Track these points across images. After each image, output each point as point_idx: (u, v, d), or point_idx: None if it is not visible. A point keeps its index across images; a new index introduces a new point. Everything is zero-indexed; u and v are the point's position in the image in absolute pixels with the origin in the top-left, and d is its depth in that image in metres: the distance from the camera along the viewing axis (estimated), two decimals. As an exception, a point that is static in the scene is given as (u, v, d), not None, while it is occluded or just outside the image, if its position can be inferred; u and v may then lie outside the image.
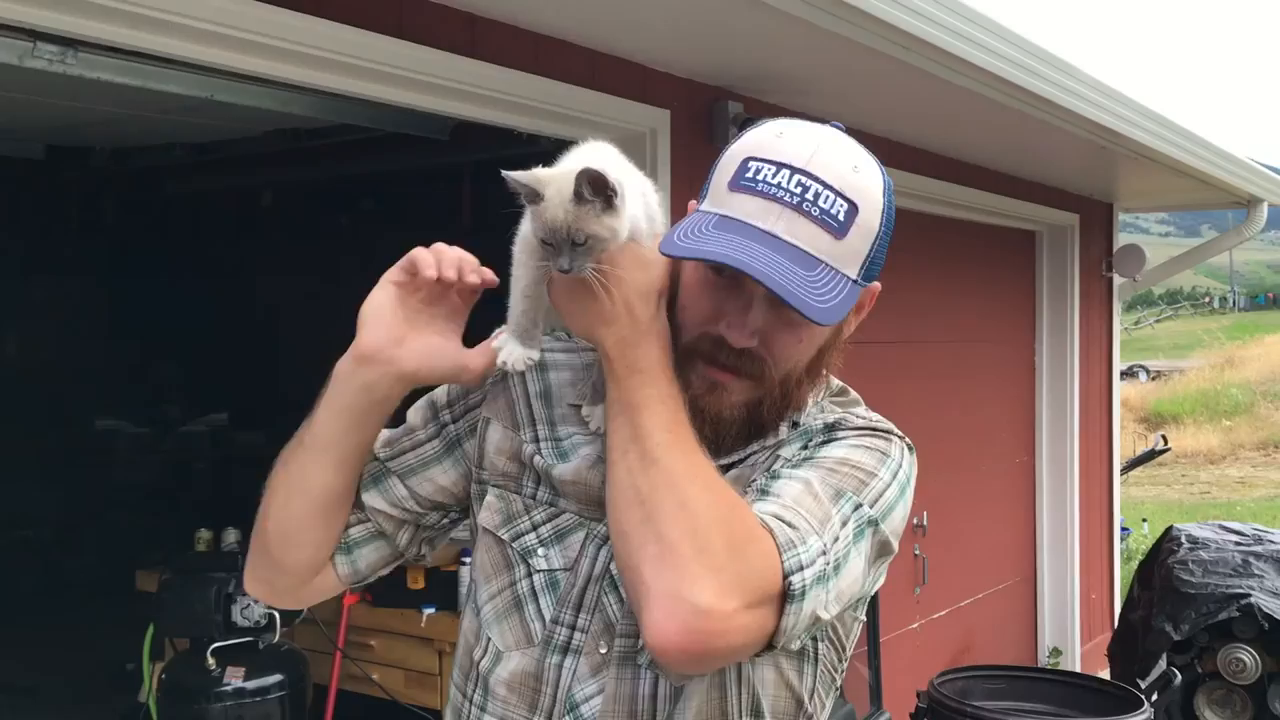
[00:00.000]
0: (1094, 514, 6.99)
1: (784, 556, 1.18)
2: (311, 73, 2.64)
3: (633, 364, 1.27)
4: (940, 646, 5.53)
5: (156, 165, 5.42)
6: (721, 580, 1.13)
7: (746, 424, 1.35)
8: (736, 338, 1.30)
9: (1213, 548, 5.23)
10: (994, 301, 6.27)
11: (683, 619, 1.13)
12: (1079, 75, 4.11)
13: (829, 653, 1.39)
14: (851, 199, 1.29)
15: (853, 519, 1.26)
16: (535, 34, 3.14)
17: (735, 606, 1.14)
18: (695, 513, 1.17)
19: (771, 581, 1.17)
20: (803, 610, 1.19)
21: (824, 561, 1.21)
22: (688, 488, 1.19)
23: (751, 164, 1.29)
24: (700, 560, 1.14)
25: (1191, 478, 18.25)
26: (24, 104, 4.09)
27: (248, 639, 3.53)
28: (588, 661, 1.34)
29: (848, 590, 1.26)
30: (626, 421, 1.25)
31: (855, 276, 1.31)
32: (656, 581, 1.15)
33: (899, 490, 1.35)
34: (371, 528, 1.47)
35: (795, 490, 1.26)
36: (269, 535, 1.44)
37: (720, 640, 1.15)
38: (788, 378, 1.35)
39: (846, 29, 3.07)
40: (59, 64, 2.47)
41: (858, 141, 1.39)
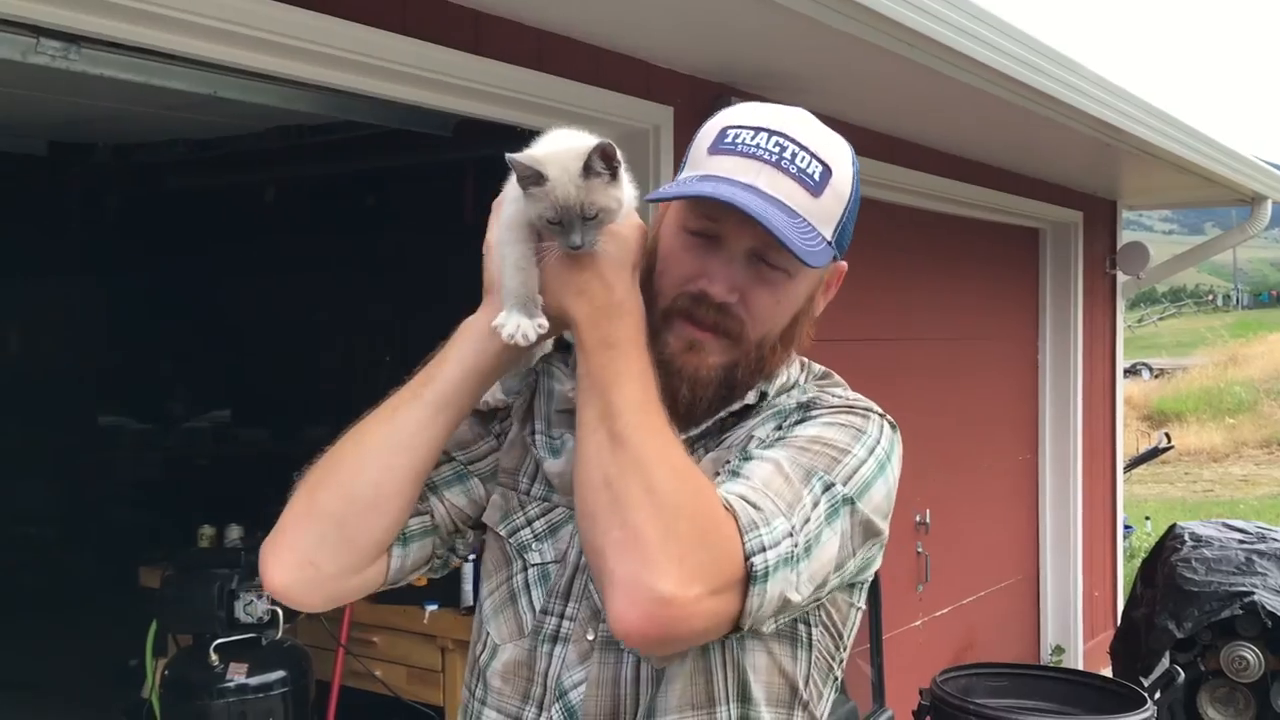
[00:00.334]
0: (1097, 512, 6.99)
1: (746, 539, 1.18)
2: (315, 69, 2.64)
3: (605, 337, 1.26)
4: (943, 644, 5.53)
5: (159, 161, 5.42)
6: (684, 568, 1.14)
7: (722, 386, 1.37)
8: (718, 291, 1.33)
9: (1216, 546, 5.22)
10: (997, 299, 6.26)
11: (645, 606, 1.14)
12: (1082, 72, 4.10)
13: (824, 639, 1.38)
14: (826, 162, 1.36)
15: (824, 499, 1.26)
16: (539, 30, 3.13)
17: (698, 593, 1.15)
18: (661, 498, 1.17)
19: (734, 565, 1.17)
20: (768, 592, 1.19)
21: (790, 544, 1.20)
22: (655, 471, 1.18)
23: (730, 130, 1.35)
24: (664, 548, 1.14)
25: (1195, 476, 18.24)
26: (27, 100, 4.09)
27: (250, 635, 3.53)
28: (576, 649, 1.35)
29: (821, 571, 1.25)
30: (596, 397, 1.24)
31: (829, 238, 1.36)
32: (620, 567, 1.16)
33: (877, 466, 1.33)
34: (427, 522, 1.42)
35: (765, 471, 1.26)
36: (356, 500, 1.32)
37: (683, 625, 1.16)
38: (763, 341, 1.37)
39: (850, 25, 3.06)
40: (62, 60, 2.47)
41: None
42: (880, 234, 5.09)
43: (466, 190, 5.00)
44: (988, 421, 6.14)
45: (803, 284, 1.39)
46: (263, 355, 6.29)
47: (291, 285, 6.05)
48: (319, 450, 1.39)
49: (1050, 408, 6.63)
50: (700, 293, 1.33)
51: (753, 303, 1.35)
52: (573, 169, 1.24)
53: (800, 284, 1.39)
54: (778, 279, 1.35)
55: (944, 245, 5.60)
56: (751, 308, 1.35)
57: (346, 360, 5.84)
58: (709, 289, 1.33)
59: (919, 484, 5.34)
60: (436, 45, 2.81)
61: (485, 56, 2.94)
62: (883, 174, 4.73)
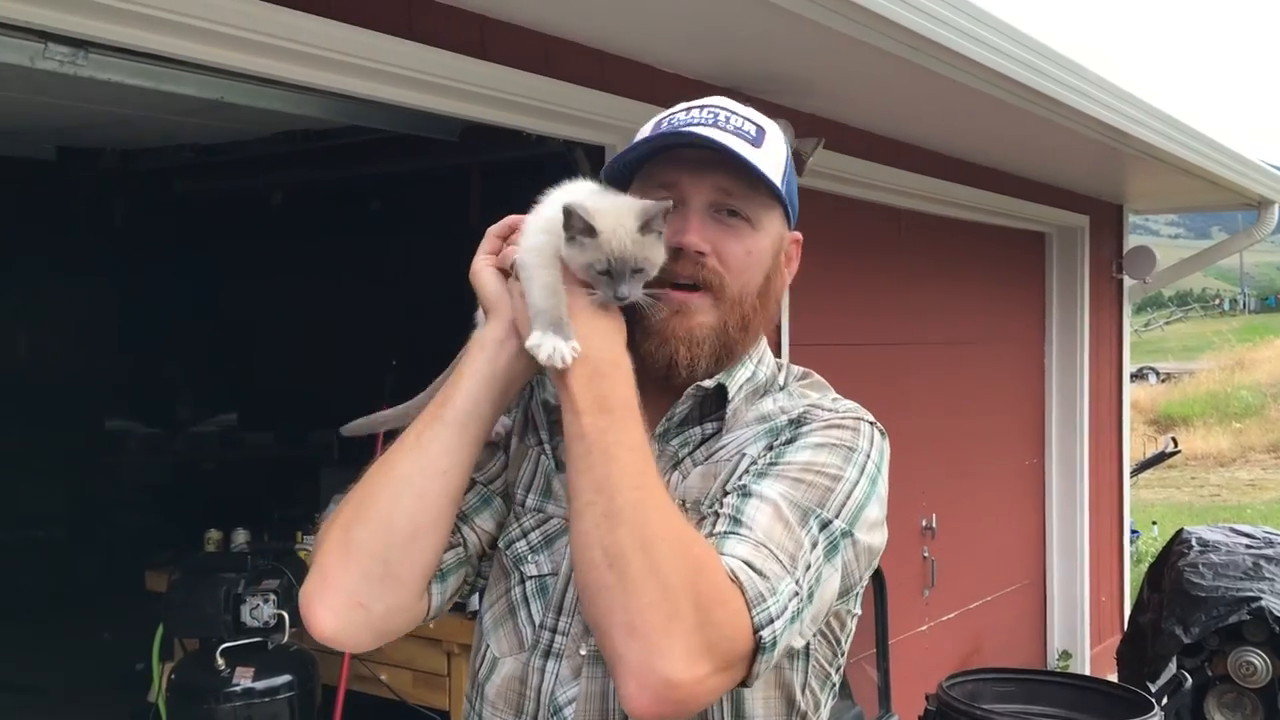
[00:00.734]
0: (1104, 516, 6.97)
1: (754, 612, 1.18)
2: (321, 74, 2.65)
3: (600, 400, 1.24)
4: (949, 649, 5.52)
5: (167, 166, 5.44)
6: (690, 647, 1.14)
7: (716, 345, 1.38)
8: (692, 240, 1.36)
9: (1223, 551, 5.21)
10: (1003, 303, 6.26)
11: (655, 690, 1.14)
12: (1087, 75, 4.10)
13: (821, 647, 1.39)
14: (758, 124, 1.42)
15: (822, 537, 1.27)
16: (545, 35, 3.14)
17: (706, 672, 1.15)
18: (664, 579, 1.15)
19: (742, 641, 1.18)
20: (775, 655, 1.21)
21: (797, 602, 1.22)
22: (656, 548, 1.16)
23: (663, 120, 1.43)
24: (669, 629, 1.14)
25: (1201, 480, 18.18)
26: (35, 105, 4.11)
27: (257, 639, 3.53)
28: (569, 664, 1.35)
29: (823, 609, 1.29)
30: (591, 466, 1.21)
31: (779, 184, 1.40)
32: (628, 652, 1.15)
33: (869, 484, 1.34)
34: (461, 553, 1.41)
35: (764, 519, 1.25)
36: (395, 533, 1.28)
37: (692, 704, 1.17)
38: (743, 295, 1.39)
39: (854, 29, 3.07)
40: (70, 65, 2.48)
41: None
42: (886, 238, 5.09)
43: (472, 194, 5.01)
44: (994, 426, 6.13)
45: (765, 237, 1.42)
46: (269, 360, 6.30)
47: (298, 289, 6.06)
48: (343, 487, 1.35)
49: (1057, 412, 6.62)
50: (675, 248, 1.35)
51: (725, 254, 1.38)
52: (629, 224, 1.27)
53: (764, 236, 1.42)
54: (742, 228, 1.39)
55: (950, 249, 5.60)
56: (725, 259, 1.38)
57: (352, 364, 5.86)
58: (683, 240, 1.36)
59: (925, 489, 5.33)
60: (442, 50, 2.82)
61: (491, 61, 2.95)
62: (888, 178, 4.73)
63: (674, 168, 1.39)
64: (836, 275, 4.61)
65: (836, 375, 1.49)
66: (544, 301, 1.27)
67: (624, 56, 3.41)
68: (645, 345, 1.37)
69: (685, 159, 1.39)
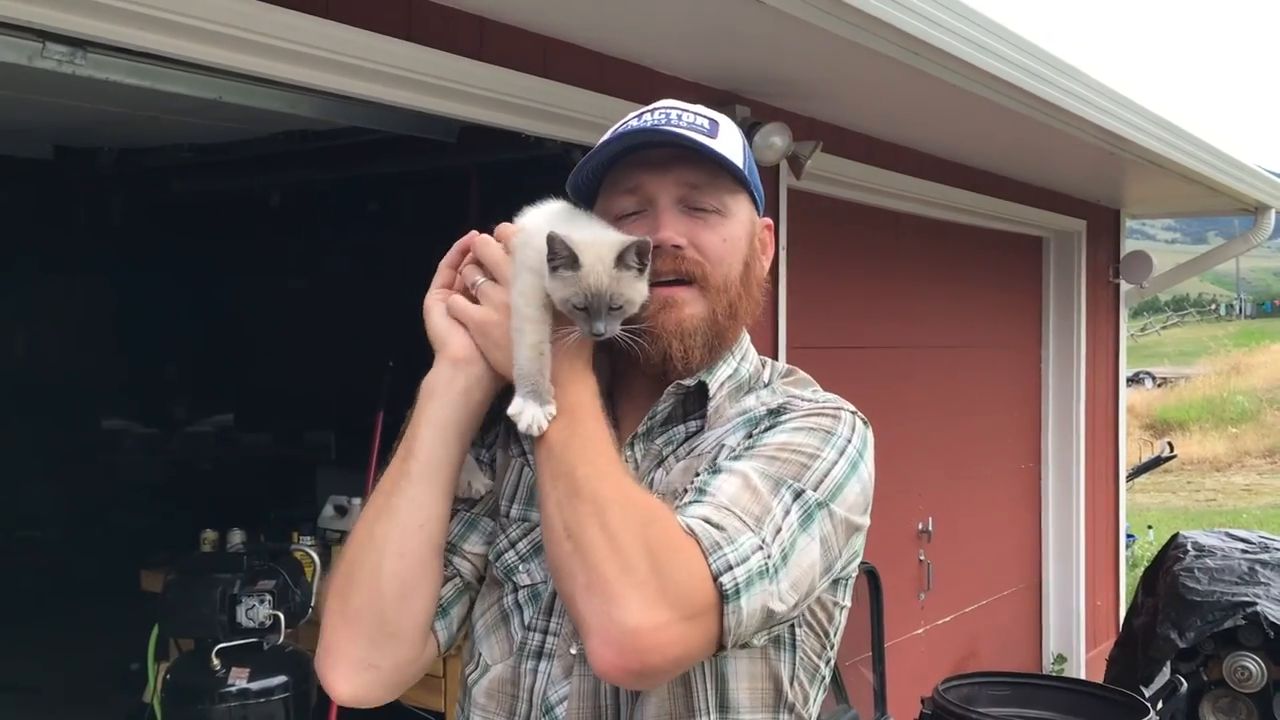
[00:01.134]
0: (1100, 520, 6.98)
1: (710, 560, 1.18)
2: (320, 74, 2.65)
3: (562, 405, 1.27)
4: (945, 653, 5.52)
5: (164, 166, 5.43)
6: (646, 595, 1.15)
7: (709, 335, 1.40)
8: (667, 236, 1.38)
9: (1219, 555, 5.21)
10: (1000, 307, 6.26)
11: (616, 642, 1.15)
12: (1086, 80, 4.10)
13: (808, 639, 1.38)
14: (710, 117, 1.44)
15: (795, 506, 1.26)
16: (543, 37, 3.14)
17: (666, 619, 1.15)
18: (615, 534, 1.18)
19: (701, 588, 1.17)
20: (744, 608, 1.19)
21: (762, 556, 1.21)
22: (607, 511, 1.20)
23: (618, 129, 1.43)
24: (623, 580, 1.16)
25: (1197, 485, 18.21)
26: (33, 104, 4.10)
27: (252, 640, 3.53)
28: (560, 664, 1.36)
29: (805, 578, 1.26)
30: (550, 457, 1.25)
31: (740, 166, 1.41)
32: (587, 610, 1.18)
33: (849, 466, 1.33)
34: (459, 583, 1.44)
35: (731, 488, 1.26)
36: (385, 595, 1.32)
37: (657, 655, 1.16)
38: (727, 284, 1.41)
39: (854, 33, 3.07)
40: (68, 64, 2.47)
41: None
42: (884, 242, 5.09)
43: (471, 195, 5.01)
44: (990, 430, 6.13)
45: (738, 224, 1.43)
46: (266, 360, 6.29)
47: (295, 290, 6.06)
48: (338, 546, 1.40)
49: (1053, 416, 6.63)
50: (654, 246, 1.36)
51: (702, 245, 1.40)
52: (608, 259, 1.27)
53: (736, 223, 1.43)
54: (714, 220, 1.41)
55: (947, 253, 5.60)
56: (703, 249, 1.40)
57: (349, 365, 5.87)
58: (658, 237, 1.37)
59: (921, 492, 5.33)
60: (440, 51, 2.81)
61: (489, 63, 2.95)
62: (886, 182, 4.74)
63: (636, 170, 1.41)
64: (833, 279, 4.61)
65: (833, 379, 1.49)
66: (529, 365, 1.28)
67: (622, 59, 3.41)
68: (637, 344, 1.38)
69: (646, 160, 1.41)
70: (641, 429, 1.42)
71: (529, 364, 1.28)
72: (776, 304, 4.01)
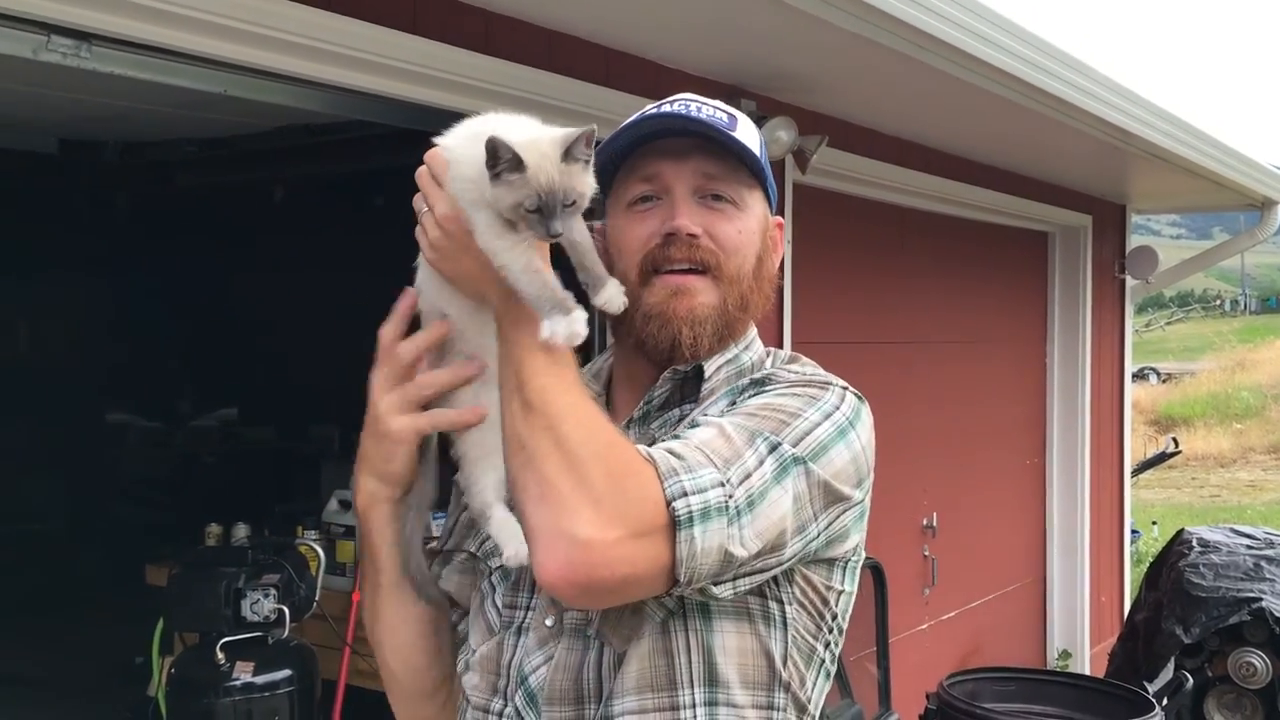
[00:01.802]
0: (1104, 516, 6.97)
1: (665, 484, 1.17)
2: (325, 68, 2.64)
3: (518, 317, 1.25)
4: (949, 648, 5.52)
5: (169, 160, 5.43)
6: (600, 511, 1.15)
7: (719, 324, 1.40)
8: (683, 224, 1.38)
9: (1224, 551, 5.21)
10: (1006, 302, 6.25)
11: (564, 552, 1.15)
12: (1093, 74, 4.09)
13: (800, 618, 1.34)
14: (729, 112, 1.44)
15: (770, 458, 1.24)
16: (550, 31, 3.13)
17: (617, 536, 1.14)
18: (570, 449, 1.18)
19: (654, 509, 1.16)
20: (699, 541, 1.17)
21: (721, 493, 1.19)
22: (562, 426, 1.19)
23: (635, 118, 1.45)
24: (577, 493, 1.16)
25: (1202, 480, 18.19)
26: (37, 98, 4.10)
27: (257, 634, 3.53)
28: (535, 636, 1.36)
29: (772, 530, 1.22)
30: (512, 373, 1.25)
31: (759, 155, 1.42)
32: (537, 519, 1.18)
33: (834, 432, 1.31)
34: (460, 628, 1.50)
35: (704, 434, 1.26)
36: (398, 678, 1.49)
37: (604, 570, 1.15)
38: (740, 275, 1.41)
39: (860, 27, 3.06)
40: (73, 58, 2.46)
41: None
42: (889, 237, 5.09)
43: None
44: (995, 425, 6.13)
45: (752, 217, 1.44)
46: (270, 354, 6.29)
47: (299, 284, 6.05)
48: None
49: (1058, 412, 6.62)
50: (668, 234, 1.38)
51: (718, 235, 1.40)
52: (553, 154, 1.22)
53: (750, 217, 1.43)
54: (729, 210, 1.41)
55: (953, 248, 5.59)
56: (719, 239, 1.40)
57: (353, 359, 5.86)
58: (674, 224, 1.38)
59: (926, 487, 5.33)
60: (446, 45, 2.81)
61: (495, 56, 2.94)
62: (892, 176, 4.73)
63: (654, 159, 1.41)
64: (840, 273, 4.60)
65: (838, 373, 1.48)
66: (535, 288, 1.24)
67: (628, 52, 3.40)
68: (647, 329, 1.39)
69: (664, 149, 1.41)
70: (637, 413, 1.42)
71: (534, 286, 1.24)
72: (782, 298, 4.01)
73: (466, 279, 1.29)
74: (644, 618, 1.29)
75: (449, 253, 1.28)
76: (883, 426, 1.42)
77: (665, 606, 1.29)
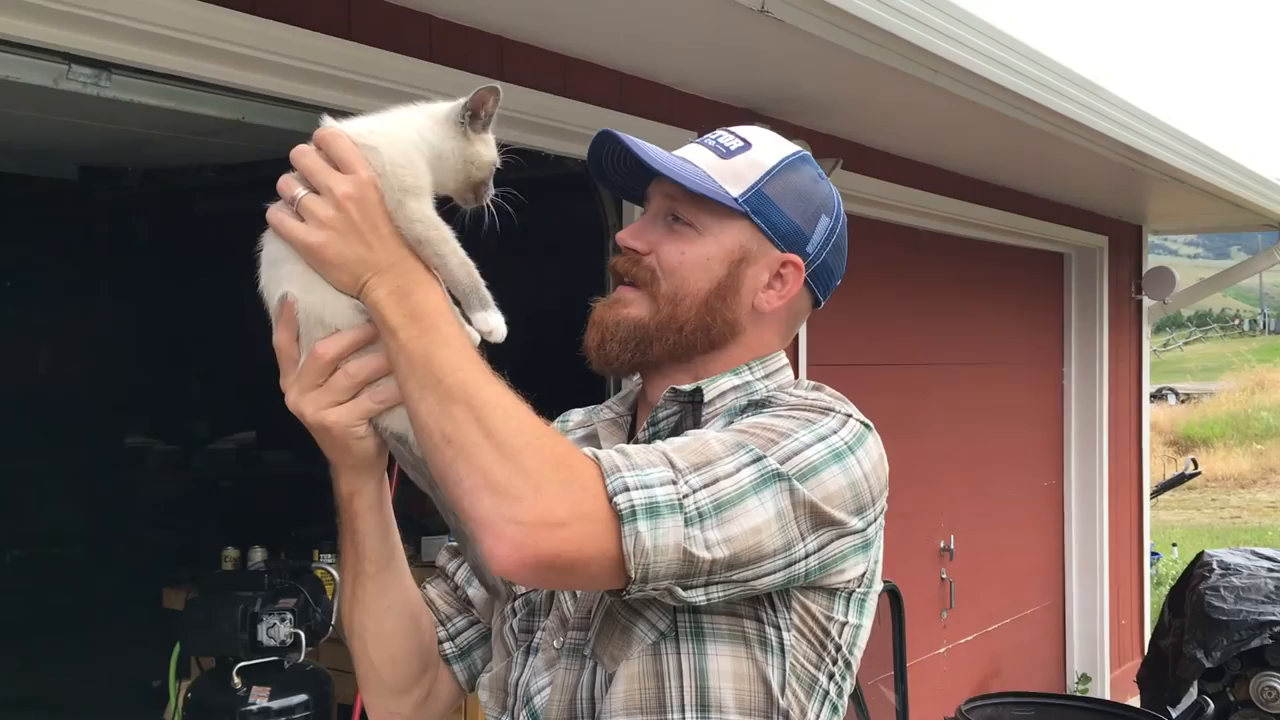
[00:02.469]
0: (1123, 538, 6.93)
1: (608, 480, 1.15)
2: (342, 95, 2.66)
3: (412, 311, 1.20)
4: (968, 672, 5.48)
5: (187, 185, 5.47)
6: (540, 495, 1.12)
7: (634, 335, 1.40)
8: (623, 237, 1.42)
9: (1245, 574, 5.16)
10: (1022, 323, 6.24)
11: (510, 534, 1.12)
12: (1107, 96, 4.09)
13: (799, 645, 1.31)
14: (748, 139, 1.44)
15: (751, 468, 1.21)
16: (564, 56, 3.15)
17: (560, 517, 1.13)
18: (503, 439, 1.14)
19: (593, 501, 1.14)
20: (646, 537, 1.14)
21: (673, 491, 1.16)
22: (489, 418, 1.15)
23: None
24: (516, 480, 1.13)
25: (1222, 502, 18.06)
26: (58, 125, 4.14)
27: (273, 658, 3.53)
28: (544, 657, 1.37)
29: (745, 539, 1.19)
30: (414, 370, 1.19)
31: (734, 194, 1.40)
32: (478, 510, 1.14)
33: (830, 455, 1.26)
34: (480, 629, 1.51)
35: (679, 440, 1.25)
36: (378, 669, 1.46)
37: (549, 547, 1.12)
38: (675, 295, 1.40)
39: (874, 51, 3.07)
40: (94, 86, 2.49)
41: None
42: (904, 258, 5.08)
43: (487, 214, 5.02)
44: (1013, 447, 6.10)
45: (712, 244, 1.41)
46: (288, 377, 6.30)
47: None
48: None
49: (1076, 433, 6.59)
50: (617, 244, 1.43)
51: (661, 254, 1.41)
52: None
53: (709, 243, 1.41)
54: (686, 233, 1.41)
55: (968, 270, 5.59)
56: (660, 258, 1.41)
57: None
58: (619, 235, 1.43)
59: (943, 510, 5.31)
60: (463, 71, 2.83)
61: (510, 82, 2.96)
62: (906, 198, 4.73)
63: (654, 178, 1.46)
64: (855, 295, 4.58)
65: (854, 395, 1.47)
66: (469, 279, 1.24)
67: (642, 77, 3.42)
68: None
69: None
70: (643, 436, 1.41)
71: (471, 278, 1.24)
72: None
73: (351, 264, 1.22)
74: (634, 638, 1.29)
75: (340, 234, 1.22)
76: (898, 449, 1.41)
77: (657, 629, 1.28)
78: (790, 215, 1.44)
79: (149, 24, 2.24)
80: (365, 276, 1.22)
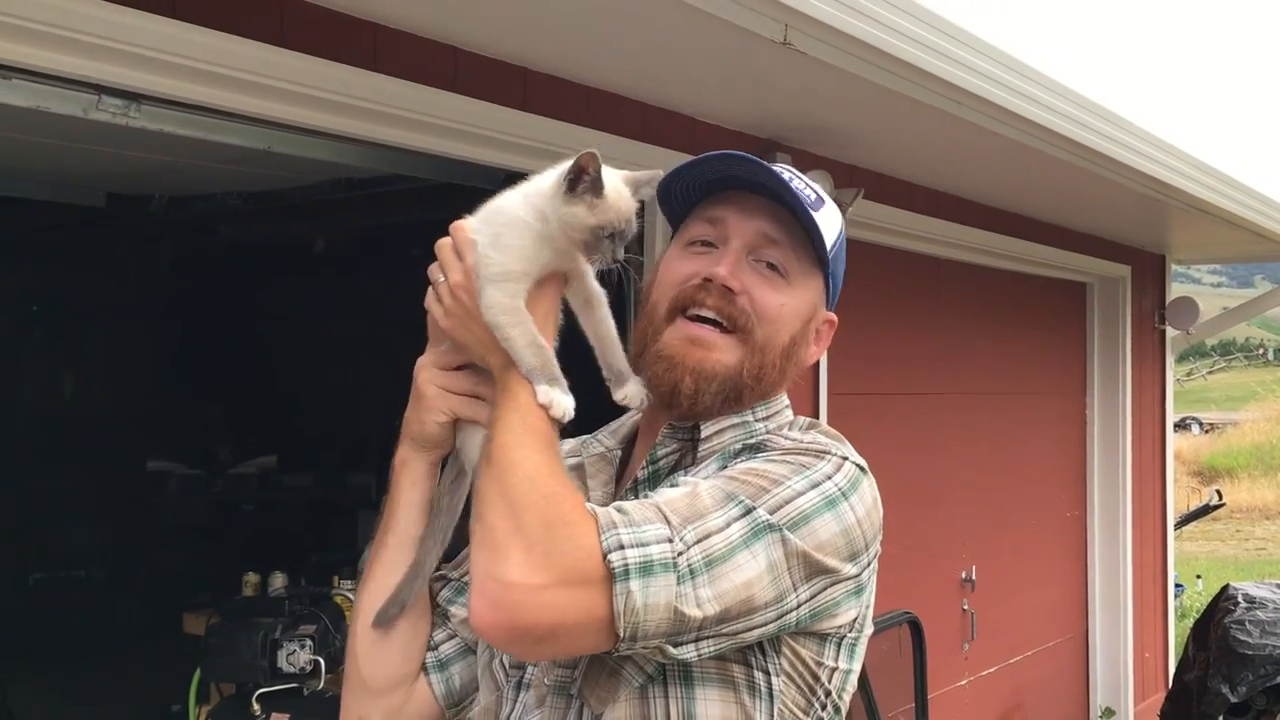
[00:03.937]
0: (1147, 570, 6.86)
1: (603, 537, 1.17)
2: (366, 125, 2.69)
3: (507, 384, 1.29)
4: (989, 705, 5.43)
5: (213, 212, 5.52)
6: (529, 556, 1.15)
7: (726, 385, 1.37)
8: (723, 274, 1.36)
9: (1270, 607, 5.10)
10: (1045, 353, 6.21)
11: (491, 594, 1.16)
12: (1130, 128, 4.08)
13: (789, 691, 1.30)
14: (819, 193, 1.43)
15: (741, 522, 1.22)
16: (587, 88, 3.17)
17: (543, 581, 1.15)
18: (512, 498, 1.19)
19: (587, 560, 1.16)
20: (637, 596, 1.15)
21: (668, 549, 1.17)
22: (509, 477, 1.21)
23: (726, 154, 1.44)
24: (510, 539, 1.17)
25: (1246, 533, 17.87)
26: (87, 154, 4.19)
27: (293, 685, 3.53)
28: (535, 694, 1.37)
29: (737, 594, 1.19)
30: (487, 435, 1.29)
31: (828, 249, 1.41)
32: (475, 563, 1.20)
33: (824, 502, 1.26)
34: (459, 643, 1.49)
35: (672, 493, 1.25)
36: (357, 657, 1.45)
37: (527, 615, 1.15)
38: (766, 346, 1.38)
39: (895, 82, 3.08)
40: (122, 116, 2.53)
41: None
42: (926, 288, 5.08)
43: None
44: (1035, 477, 6.06)
45: (800, 299, 1.41)
46: (309, 403, 6.34)
47: (338, 334, 6.11)
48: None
49: (1099, 463, 6.54)
50: (705, 279, 1.37)
51: (758, 299, 1.37)
52: (625, 189, 1.31)
53: (798, 295, 1.40)
54: (778, 281, 1.38)
55: (990, 299, 5.57)
56: (757, 303, 1.37)
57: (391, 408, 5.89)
58: (714, 271, 1.37)
59: (964, 540, 5.27)
60: (485, 102, 2.85)
61: (533, 113, 2.98)
62: (928, 228, 4.73)
63: (724, 207, 1.41)
64: (876, 325, 4.59)
65: (875, 425, 1.47)
66: (536, 361, 1.30)
67: (664, 107, 3.44)
68: (654, 367, 1.38)
69: (737, 201, 1.41)
70: (643, 474, 1.41)
71: (535, 359, 1.29)
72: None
73: (475, 344, 1.33)
74: (621, 681, 1.28)
75: (461, 319, 1.33)
76: (919, 478, 1.41)
77: (644, 671, 1.28)
78: (841, 275, 1.47)
79: (178, 56, 2.27)
80: (486, 354, 1.32)
